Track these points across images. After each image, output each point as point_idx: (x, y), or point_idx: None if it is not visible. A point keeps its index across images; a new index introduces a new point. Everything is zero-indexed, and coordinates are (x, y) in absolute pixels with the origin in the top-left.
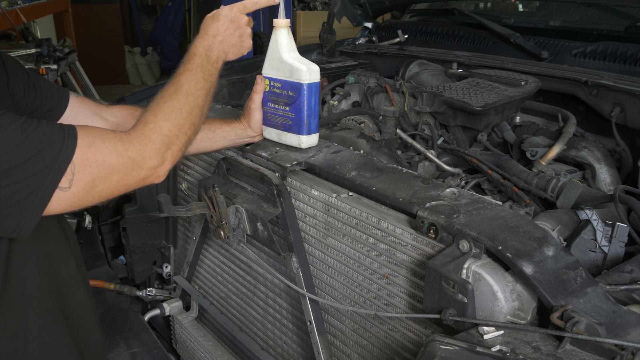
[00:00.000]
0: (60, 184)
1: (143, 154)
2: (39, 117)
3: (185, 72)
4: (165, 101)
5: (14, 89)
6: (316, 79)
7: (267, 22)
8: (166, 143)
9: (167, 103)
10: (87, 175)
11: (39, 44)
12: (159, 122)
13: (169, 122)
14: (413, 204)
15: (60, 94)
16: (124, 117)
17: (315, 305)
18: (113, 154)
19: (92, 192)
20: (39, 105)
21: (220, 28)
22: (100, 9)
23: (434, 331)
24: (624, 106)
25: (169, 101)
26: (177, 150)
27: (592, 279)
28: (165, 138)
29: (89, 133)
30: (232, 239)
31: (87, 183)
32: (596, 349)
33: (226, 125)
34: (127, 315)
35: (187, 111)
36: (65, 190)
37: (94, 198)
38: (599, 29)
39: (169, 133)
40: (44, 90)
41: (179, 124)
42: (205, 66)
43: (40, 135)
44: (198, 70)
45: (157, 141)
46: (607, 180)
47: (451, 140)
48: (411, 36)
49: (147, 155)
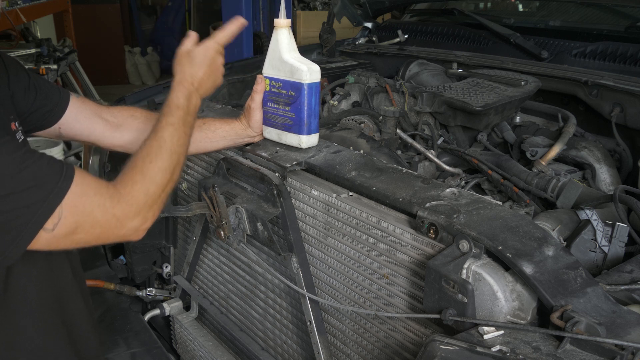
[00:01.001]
0: (45, 224)
1: (128, 215)
2: (39, 118)
3: (168, 127)
4: (151, 160)
5: (14, 90)
6: (316, 79)
7: (267, 22)
8: (150, 205)
9: (152, 163)
10: (72, 222)
11: (39, 44)
12: (146, 183)
13: (154, 184)
14: (413, 204)
15: (60, 94)
16: (124, 117)
17: (315, 305)
18: (100, 209)
19: (71, 238)
20: (39, 105)
21: (197, 73)
22: (100, 9)
23: (434, 331)
24: (624, 106)
25: (155, 161)
26: (158, 208)
27: (592, 279)
28: (150, 199)
29: (84, 181)
30: (232, 239)
31: (70, 229)
32: (596, 349)
33: (226, 125)
34: (127, 315)
35: (171, 171)
36: (48, 231)
37: (72, 243)
38: (599, 29)
39: (153, 194)
40: (44, 90)
41: (163, 184)
42: (186, 119)
43: (37, 170)
44: (181, 124)
45: (143, 203)
46: (607, 180)
47: (451, 140)
48: (411, 36)
49: (131, 216)
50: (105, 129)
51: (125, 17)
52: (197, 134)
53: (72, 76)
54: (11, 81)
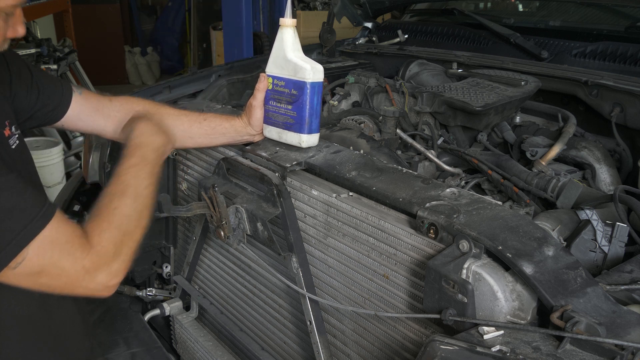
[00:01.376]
0: (9, 262)
1: (97, 267)
2: (42, 116)
3: (130, 170)
4: (115, 207)
5: (17, 91)
6: (320, 79)
7: (267, 22)
8: (118, 254)
9: (117, 209)
10: (36, 265)
11: (39, 44)
12: (113, 231)
13: (121, 232)
14: (413, 204)
15: (62, 91)
16: (126, 111)
17: (315, 305)
18: (70, 258)
19: (34, 280)
20: (41, 105)
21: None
22: (100, 9)
23: (434, 331)
24: (624, 106)
25: (119, 207)
26: (128, 259)
27: (592, 279)
28: (118, 249)
29: (59, 226)
30: (232, 239)
31: (34, 272)
32: (596, 349)
33: (226, 122)
34: (127, 315)
35: (137, 217)
36: (10, 268)
37: (34, 285)
38: (599, 29)
39: (121, 243)
40: (47, 89)
41: (130, 231)
42: (149, 157)
43: (14, 200)
44: (143, 164)
45: (112, 253)
46: (607, 180)
47: (451, 140)
48: (411, 36)
49: (100, 269)
50: (107, 124)
51: (125, 17)
52: (196, 130)
53: (72, 76)
54: (13, 82)
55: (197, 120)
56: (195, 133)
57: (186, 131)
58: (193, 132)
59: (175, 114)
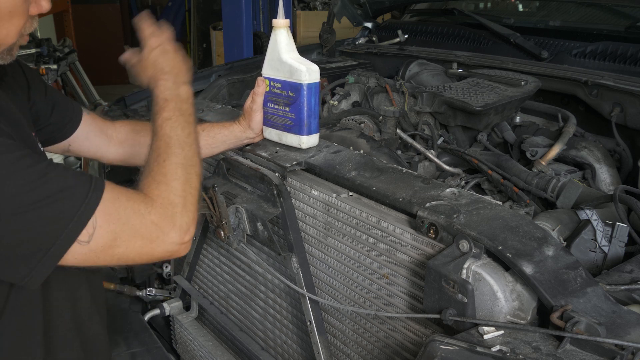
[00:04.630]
0: (79, 237)
1: (165, 221)
2: (52, 132)
3: (166, 122)
4: (164, 159)
5: (35, 99)
6: (316, 79)
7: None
8: (183, 204)
9: (166, 161)
10: (109, 232)
11: (39, 44)
12: (170, 182)
13: (178, 181)
14: (413, 204)
15: (74, 110)
16: (127, 132)
17: (315, 305)
18: (137, 215)
19: (111, 252)
20: (54, 120)
21: (167, 63)
22: (100, 9)
23: (434, 331)
24: (624, 106)
25: (168, 158)
26: (193, 209)
27: (592, 279)
28: (180, 198)
29: (114, 189)
30: (232, 239)
31: (108, 241)
32: (596, 349)
33: (225, 129)
34: (127, 315)
35: (189, 164)
36: (83, 244)
37: (113, 259)
38: (599, 29)
39: (183, 192)
40: (61, 105)
41: (187, 179)
42: (182, 108)
43: (62, 182)
44: (177, 115)
45: (175, 203)
46: (607, 180)
47: (451, 140)
48: (411, 36)
49: (169, 223)
50: (110, 145)
51: (125, 17)
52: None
53: (72, 76)
54: (32, 89)
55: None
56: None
57: None
58: None
59: None
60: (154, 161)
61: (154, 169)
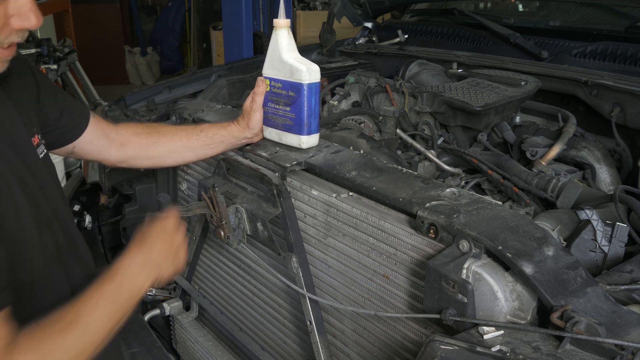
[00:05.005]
0: None
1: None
2: (59, 135)
3: (94, 297)
4: (56, 337)
5: (45, 102)
6: (316, 79)
7: (267, 22)
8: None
9: (57, 340)
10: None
11: (39, 44)
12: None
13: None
14: (413, 204)
15: (82, 114)
16: (128, 135)
17: (315, 305)
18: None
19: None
20: (64, 121)
21: (154, 250)
22: (100, 9)
23: (434, 331)
24: (624, 106)
25: (60, 338)
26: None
27: (592, 279)
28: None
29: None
30: (232, 239)
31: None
32: (596, 349)
33: (223, 130)
34: None
35: (74, 355)
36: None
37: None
38: (599, 29)
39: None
40: (69, 110)
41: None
42: (127, 289)
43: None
44: (115, 294)
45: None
46: (607, 180)
47: (451, 140)
48: (411, 36)
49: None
50: (112, 148)
51: (125, 17)
52: (195, 142)
53: (72, 76)
54: (41, 92)
55: (194, 133)
56: (195, 145)
57: (186, 145)
58: (192, 144)
59: (172, 131)
60: (54, 321)
61: (43, 334)
